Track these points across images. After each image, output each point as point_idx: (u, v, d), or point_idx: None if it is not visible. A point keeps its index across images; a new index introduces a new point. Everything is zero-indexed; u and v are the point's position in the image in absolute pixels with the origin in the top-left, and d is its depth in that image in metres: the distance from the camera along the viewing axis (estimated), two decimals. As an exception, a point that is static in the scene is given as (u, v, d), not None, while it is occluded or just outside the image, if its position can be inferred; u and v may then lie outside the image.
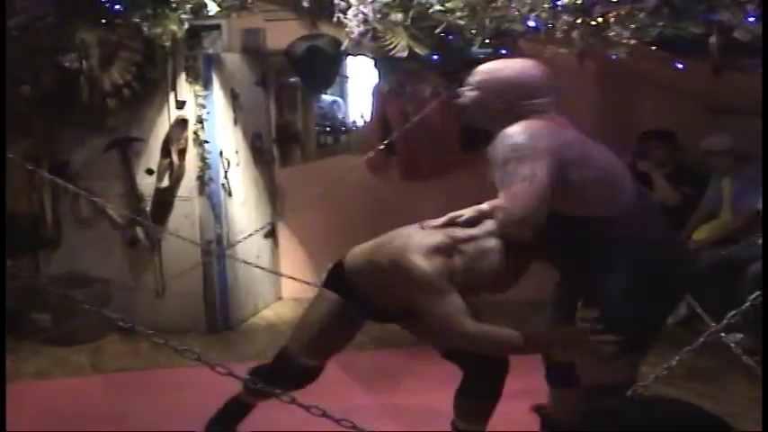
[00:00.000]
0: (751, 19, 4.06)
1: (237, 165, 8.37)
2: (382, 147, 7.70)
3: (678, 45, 4.77)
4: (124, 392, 6.80)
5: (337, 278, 4.73)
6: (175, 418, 6.11)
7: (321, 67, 7.59)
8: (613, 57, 5.20)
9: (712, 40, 4.32)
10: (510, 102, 4.21)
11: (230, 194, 8.23)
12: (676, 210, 7.75)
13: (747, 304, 3.36)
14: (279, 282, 9.20)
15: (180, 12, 6.95)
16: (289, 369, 4.79)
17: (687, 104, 8.41)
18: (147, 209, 7.99)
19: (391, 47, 5.79)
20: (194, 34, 7.62)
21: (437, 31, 5.67)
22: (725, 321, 3.38)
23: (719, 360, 5.97)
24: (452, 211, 4.45)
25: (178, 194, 8.01)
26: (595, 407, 1.86)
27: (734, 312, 3.38)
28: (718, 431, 1.82)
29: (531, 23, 5.04)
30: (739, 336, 6.32)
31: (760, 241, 6.90)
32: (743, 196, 7.52)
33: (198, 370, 4.20)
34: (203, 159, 7.90)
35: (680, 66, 5.73)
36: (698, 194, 7.88)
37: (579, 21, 4.77)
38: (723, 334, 4.74)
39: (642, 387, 3.52)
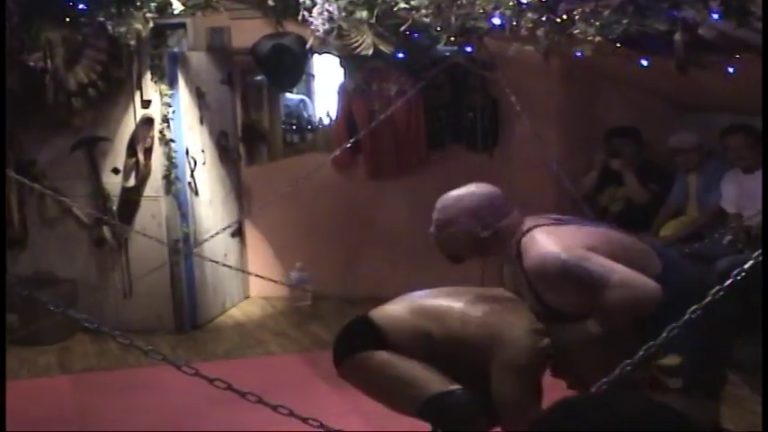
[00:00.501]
0: (715, 16, 4.07)
1: (204, 164, 8.35)
2: (348, 145, 7.72)
3: (643, 42, 4.79)
4: (92, 392, 6.79)
5: (364, 335, 4.41)
6: (143, 418, 6.11)
7: (287, 65, 7.58)
8: (578, 54, 5.22)
9: (677, 37, 4.33)
10: (490, 225, 4.14)
11: (197, 193, 8.21)
12: (643, 207, 7.84)
13: (708, 299, 3.36)
14: (246, 280, 9.19)
15: (145, 10, 6.91)
16: (453, 409, 4.17)
17: (652, 102, 8.46)
18: (114, 208, 7.97)
19: (356, 45, 5.79)
20: (159, 33, 7.61)
21: (402, 29, 5.66)
22: (686, 317, 3.39)
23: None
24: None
25: (144, 194, 7.98)
26: (557, 407, 1.85)
27: (695, 307, 3.39)
28: (683, 431, 1.81)
29: (497, 21, 5.04)
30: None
31: (726, 238, 6.94)
32: (708, 193, 7.56)
33: (166, 369, 4.19)
34: (169, 158, 7.88)
35: (645, 63, 5.76)
36: (664, 191, 7.92)
37: (544, 18, 4.78)
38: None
39: (604, 385, 3.52)
